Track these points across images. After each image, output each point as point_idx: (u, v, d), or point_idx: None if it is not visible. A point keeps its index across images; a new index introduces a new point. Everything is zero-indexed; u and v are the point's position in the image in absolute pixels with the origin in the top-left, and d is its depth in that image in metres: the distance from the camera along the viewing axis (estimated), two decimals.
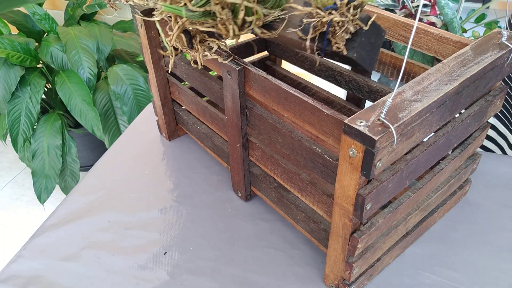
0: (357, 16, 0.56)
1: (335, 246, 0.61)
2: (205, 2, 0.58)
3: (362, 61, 0.59)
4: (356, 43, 0.57)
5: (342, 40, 0.57)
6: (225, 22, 0.59)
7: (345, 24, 0.56)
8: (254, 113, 0.68)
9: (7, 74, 1.61)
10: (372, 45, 0.59)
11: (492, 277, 0.68)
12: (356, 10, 0.56)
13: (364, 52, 0.59)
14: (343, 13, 0.56)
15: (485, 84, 0.61)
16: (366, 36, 0.58)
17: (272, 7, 0.61)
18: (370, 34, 0.58)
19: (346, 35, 0.57)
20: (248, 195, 0.82)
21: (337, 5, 0.55)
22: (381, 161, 0.48)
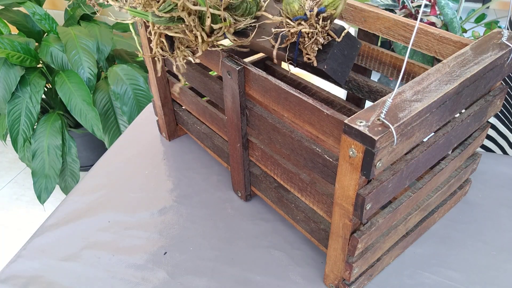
0: (327, 28, 0.56)
1: (335, 246, 0.61)
2: (171, 9, 0.58)
3: (333, 73, 0.59)
4: (327, 54, 0.57)
5: (313, 51, 0.57)
6: (192, 28, 0.59)
7: (314, 36, 0.56)
8: (254, 113, 0.67)
9: (7, 74, 1.61)
10: (345, 57, 0.59)
11: (492, 277, 0.68)
12: (325, 21, 0.56)
13: (336, 64, 0.58)
14: (312, 24, 0.55)
15: (485, 84, 0.61)
16: (339, 48, 0.58)
17: (243, 14, 0.61)
18: (344, 46, 0.58)
19: (317, 46, 0.57)
20: (248, 195, 0.82)
21: (307, 16, 0.55)
22: (381, 161, 0.48)
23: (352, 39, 0.58)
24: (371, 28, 0.78)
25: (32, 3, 1.74)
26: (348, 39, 0.58)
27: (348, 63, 0.60)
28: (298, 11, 0.56)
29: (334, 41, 0.57)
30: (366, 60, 0.82)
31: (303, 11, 0.56)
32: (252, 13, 0.62)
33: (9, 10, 1.82)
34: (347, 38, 0.58)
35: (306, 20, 0.56)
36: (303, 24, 0.56)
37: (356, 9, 0.78)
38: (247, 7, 0.61)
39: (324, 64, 0.57)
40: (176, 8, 0.58)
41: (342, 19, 0.82)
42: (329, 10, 0.55)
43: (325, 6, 0.55)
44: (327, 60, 0.57)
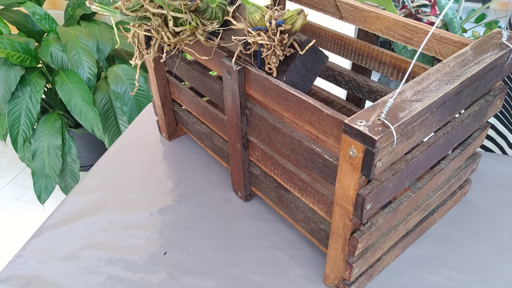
0: (285, 41, 0.56)
1: (335, 246, 0.61)
2: (137, 8, 0.59)
3: (293, 86, 0.59)
4: (288, 66, 0.57)
5: (274, 63, 0.58)
6: (157, 28, 0.60)
7: (272, 48, 0.56)
8: (254, 113, 0.67)
9: (7, 74, 1.61)
10: (309, 70, 0.59)
11: (492, 277, 0.68)
12: (283, 35, 0.56)
13: (297, 77, 0.59)
14: (270, 37, 0.56)
15: (485, 84, 0.60)
16: (301, 61, 0.58)
17: (210, 18, 0.61)
18: (308, 59, 0.58)
19: (276, 58, 0.57)
20: (248, 195, 0.82)
21: (267, 28, 0.55)
22: (381, 161, 0.48)
23: (317, 52, 0.59)
24: (371, 28, 0.77)
25: (32, 3, 1.74)
26: (313, 52, 0.58)
27: (311, 76, 0.60)
28: (259, 21, 0.56)
29: (297, 53, 0.57)
30: (366, 60, 0.82)
31: (264, 23, 0.56)
32: (218, 18, 0.62)
33: (9, 10, 1.82)
34: (312, 51, 0.58)
35: (266, 32, 0.56)
36: (262, 35, 0.56)
37: (356, 9, 0.78)
38: (213, 12, 0.61)
39: (283, 76, 0.58)
40: (141, 8, 0.59)
41: (342, 19, 0.82)
42: (287, 25, 0.55)
43: (284, 20, 0.55)
44: (287, 72, 0.58)
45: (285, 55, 0.58)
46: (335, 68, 0.87)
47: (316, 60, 0.59)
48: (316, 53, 0.58)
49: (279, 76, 0.58)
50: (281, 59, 0.58)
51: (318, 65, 0.59)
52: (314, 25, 0.89)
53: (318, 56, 0.59)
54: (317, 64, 0.59)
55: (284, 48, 0.57)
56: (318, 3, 0.85)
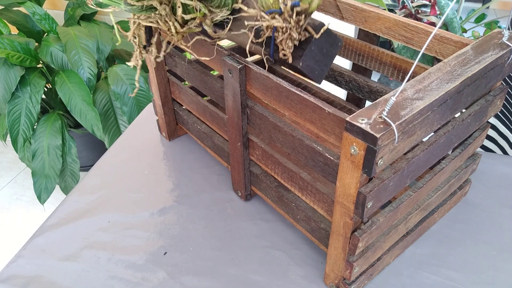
0: (301, 23, 0.54)
1: (336, 245, 0.61)
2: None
3: (310, 71, 0.57)
4: (304, 51, 0.55)
5: (289, 48, 0.55)
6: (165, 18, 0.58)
7: (288, 31, 0.54)
8: (255, 111, 0.67)
9: (7, 74, 1.61)
10: (324, 55, 0.57)
11: (492, 277, 0.68)
12: (299, 16, 0.53)
13: (313, 62, 0.56)
14: (286, 19, 0.53)
15: (485, 83, 0.61)
16: (317, 45, 0.55)
17: (218, 6, 0.59)
18: (323, 43, 0.56)
19: (292, 42, 0.55)
20: (248, 195, 0.81)
21: (281, 10, 0.53)
22: (382, 159, 0.48)
23: (332, 36, 0.56)
24: (372, 28, 0.77)
25: (32, 3, 1.74)
26: (328, 36, 0.56)
27: (327, 61, 0.58)
28: (273, 4, 0.54)
29: (312, 37, 0.55)
30: (366, 60, 0.82)
31: (278, 5, 0.53)
32: (227, 5, 0.59)
33: (9, 10, 1.82)
34: (326, 35, 0.56)
35: (281, 14, 0.53)
36: (277, 18, 0.53)
37: (356, 9, 0.78)
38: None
39: (300, 62, 0.55)
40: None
41: (343, 19, 0.82)
42: (304, 4, 0.53)
43: (299, 0, 0.53)
44: (303, 57, 0.55)
45: (300, 40, 0.55)
46: (335, 69, 0.87)
47: (332, 44, 0.57)
48: (331, 36, 0.56)
49: (295, 61, 0.56)
50: (296, 43, 0.55)
51: (333, 49, 0.57)
52: None
53: (333, 40, 0.57)
54: (333, 48, 0.57)
55: (300, 31, 0.54)
56: None
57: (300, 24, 0.54)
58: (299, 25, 0.54)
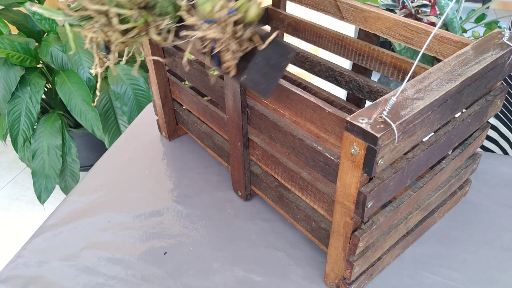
0: (239, 33, 0.50)
1: (336, 244, 0.61)
2: (80, 8, 0.53)
3: (255, 85, 0.52)
4: (248, 63, 0.51)
5: (233, 59, 0.51)
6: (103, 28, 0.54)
7: (225, 42, 0.50)
8: (255, 111, 0.67)
9: (7, 74, 1.61)
10: (272, 67, 0.52)
11: (492, 277, 0.68)
12: (236, 26, 0.49)
13: (259, 75, 0.52)
14: (223, 29, 0.49)
15: (486, 83, 0.61)
16: (263, 57, 0.51)
17: (160, 14, 0.55)
18: (271, 54, 0.51)
19: (231, 54, 0.51)
20: (248, 195, 0.81)
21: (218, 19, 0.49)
22: (383, 158, 0.48)
23: (281, 47, 0.52)
24: (372, 28, 0.77)
25: (32, 3, 1.74)
26: (277, 47, 0.51)
27: (275, 74, 0.53)
28: (210, 13, 0.50)
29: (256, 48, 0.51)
30: (366, 60, 0.82)
31: (214, 14, 0.50)
32: (169, 13, 0.55)
33: (9, 10, 1.82)
34: (275, 46, 0.51)
35: (219, 24, 0.49)
36: (213, 29, 0.49)
37: (356, 9, 0.78)
38: (162, 7, 0.54)
39: (243, 75, 0.51)
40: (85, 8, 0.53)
41: (343, 19, 0.82)
42: (239, 13, 0.49)
43: (236, 8, 0.49)
44: (247, 70, 0.51)
45: (244, 51, 0.51)
46: (335, 69, 0.87)
47: (281, 55, 0.52)
48: (280, 47, 0.51)
49: (238, 74, 0.52)
50: (238, 55, 0.51)
51: (283, 62, 0.53)
52: (315, 25, 0.88)
53: (283, 50, 0.52)
54: (282, 60, 0.52)
55: (241, 42, 0.50)
56: (319, 4, 0.85)
57: (238, 35, 0.50)
58: (236, 36, 0.50)
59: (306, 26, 0.90)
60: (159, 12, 0.54)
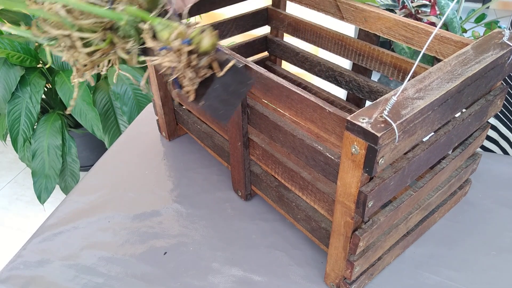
0: (194, 63, 0.49)
1: (336, 244, 0.60)
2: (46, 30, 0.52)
3: (213, 111, 0.52)
4: (207, 90, 0.51)
5: (191, 85, 0.51)
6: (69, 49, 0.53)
7: (181, 70, 0.50)
8: (256, 111, 0.67)
9: (7, 74, 1.61)
10: (231, 94, 0.52)
11: (492, 277, 0.68)
12: (192, 55, 0.49)
13: (217, 102, 0.52)
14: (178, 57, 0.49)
15: (486, 83, 0.61)
16: (222, 84, 0.51)
17: (124, 36, 0.54)
18: (230, 81, 0.52)
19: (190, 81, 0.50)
20: (248, 195, 0.81)
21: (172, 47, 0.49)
22: (383, 158, 0.48)
23: (241, 73, 0.52)
24: (372, 28, 0.78)
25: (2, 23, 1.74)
26: (236, 74, 0.52)
27: (234, 100, 0.53)
28: (167, 40, 0.50)
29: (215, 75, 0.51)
30: (366, 60, 0.82)
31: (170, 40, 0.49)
32: (131, 36, 0.54)
33: (9, 10, 1.82)
34: (234, 73, 0.51)
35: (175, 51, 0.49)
36: (170, 56, 0.49)
37: (357, 9, 0.78)
38: (125, 30, 0.53)
39: (201, 100, 0.51)
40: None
41: (343, 19, 0.82)
42: (194, 43, 0.49)
43: (190, 39, 0.49)
44: (205, 95, 0.51)
45: (203, 77, 0.51)
46: (335, 69, 0.87)
47: (240, 82, 0.52)
48: (240, 74, 0.52)
49: (197, 100, 0.52)
50: (197, 81, 0.51)
51: (242, 88, 0.53)
52: (315, 25, 0.89)
53: (242, 78, 0.52)
54: (242, 87, 0.53)
55: (197, 70, 0.50)
56: (319, 4, 0.85)
57: (193, 64, 0.50)
58: (191, 65, 0.50)
59: (306, 26, 0.91)
60: (122, 34, 0.54)
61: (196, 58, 0.49)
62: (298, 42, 0.98)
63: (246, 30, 0.96)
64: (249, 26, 0.96)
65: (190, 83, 0.51)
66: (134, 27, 0.54)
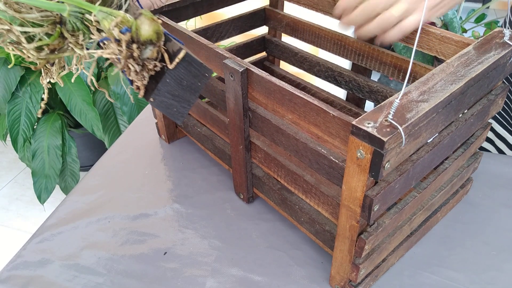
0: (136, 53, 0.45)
1: (342, 247, 0.60)
2: None
3: (166, 108, 0.48)
4: (157, 84, 0.46)
5: (140, 79, 0.47)
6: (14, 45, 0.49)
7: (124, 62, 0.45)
8: (257, 115, 0.67)
9: (7, 74, 1.61)
10: (185, 89, 0.48)
11: (492, 277, 0.68)
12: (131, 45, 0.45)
13: (170, 97, 0.47)
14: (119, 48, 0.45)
15: (488, 83, 0.60)
16: (173, 77, 0.47)
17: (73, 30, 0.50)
18: (183, 74, 0.47)
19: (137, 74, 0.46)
20: (250, 197, 0.81)
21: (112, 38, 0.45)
22: (389, 162, 0.48)
23: (195, 65, 0.47)
24: None
25: None
26: (190, 66, 0.47)
27: (189, 96, 0.48)
28: (109, 31, 0.45)
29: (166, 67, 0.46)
30: (366, 60, 0.81)
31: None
32: (79, 29, 0.49)
33: None
34: (187, 65, 0.47)
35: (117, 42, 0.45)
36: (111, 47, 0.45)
37: None
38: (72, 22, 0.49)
39: (151, 97, 0.47)
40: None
41: None
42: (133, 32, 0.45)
43: (129, 27, 0.44)
44: (156, 91, 0.46)
45: (152, 70, 0.47)
46: (335, 69, 0.87)
47: (195, 75, 0.48)
48: (195, 66, 0.47)
49: (147, 96, 0.48)
50: (145, 75, 0.47)
51: (197, 81, 0.48)
52: (313, 26, 0.88)
53: (198, 70, 0.48)
54: (197, 80, 0.48)
55: (145, 62, 0.46)
56: (318, 4, 0.84)
57: (135, 55, 0.45)
58: (133, 56, 0.45)
59: (304, 26, 0.90)
60: (71, 27, 0.49)
61: (138, 49, 0.45)
62: (297, 42, 0.98)
63: (245, 31, 0.96)
64: (247, 26, 0.96)
65: (138, 77, 0.47)
66: (80, 19, 0.49)
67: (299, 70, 0.97)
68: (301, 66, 0.95)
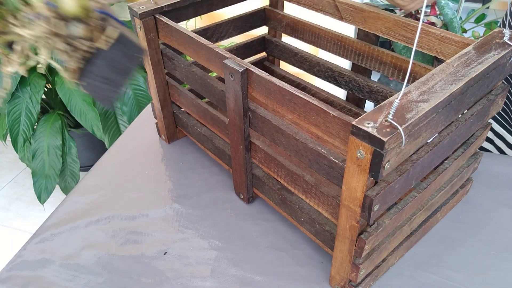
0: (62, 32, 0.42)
1: (342, 247, 0.60)
2: None
3: (95, 92, 0.45)
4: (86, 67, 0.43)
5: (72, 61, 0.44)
6: None
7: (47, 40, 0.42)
8: (257, 115, 0.67)
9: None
10: (117, 71, 0.45)
11: (492, 277, 0.68)
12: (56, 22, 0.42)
13: (100, 80, 0.44)
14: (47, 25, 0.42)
15: (488, 83, 0.60)
16: (106, 58, 0.44)
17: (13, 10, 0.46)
18: (115, 55, 0.44)
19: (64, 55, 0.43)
20: (250, 197, 0.81)
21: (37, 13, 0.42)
22: (389, 162, 0.48)
23: (127, 45, 0.44)
24: (372, 28, 0.77)
25: None
26: (122, 46, 0.44)
27: (120, 79, 0.45)
28: (30, 8, 0.43)
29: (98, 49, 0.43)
30: (366, 61, 0.81)
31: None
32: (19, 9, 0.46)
33: None
34: (121, 45, 0.44)
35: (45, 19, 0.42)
36: (36, 24, 0.42)
37: (356, 10, 0.78)
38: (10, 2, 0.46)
39: (80, 80, 0.44)
40: None
41: (342, 20, 0.82)
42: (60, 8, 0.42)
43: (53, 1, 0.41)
44: (84, 73, 0.44)
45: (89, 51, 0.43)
46: (335, 69, 0.87)
47: (127, 55, 0.45)
48: (126, 46, 0.44)
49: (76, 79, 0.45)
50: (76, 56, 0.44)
51: (129, 63, 0.45)
52: (313, 26, 0.88)
53: (129, 49, 0.44)
54: (128, 62, 0.45)
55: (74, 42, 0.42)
56: (318, 4, 0.84)
57: (60, 33, 0.42)
58: (58, 34, 0.42)
59: (304, 27, 0.90)
60: (11, 8, 0.46)
61: (64, 26, 0.42)
62: (297, 42, 0.98)
63: (245, 31, 0.96)
64: (247, 27, 0.96)
65: (70, 58, 0.43)
66: None
67: (299, 70, 0.97)
68: (301, 66, 0.95)
